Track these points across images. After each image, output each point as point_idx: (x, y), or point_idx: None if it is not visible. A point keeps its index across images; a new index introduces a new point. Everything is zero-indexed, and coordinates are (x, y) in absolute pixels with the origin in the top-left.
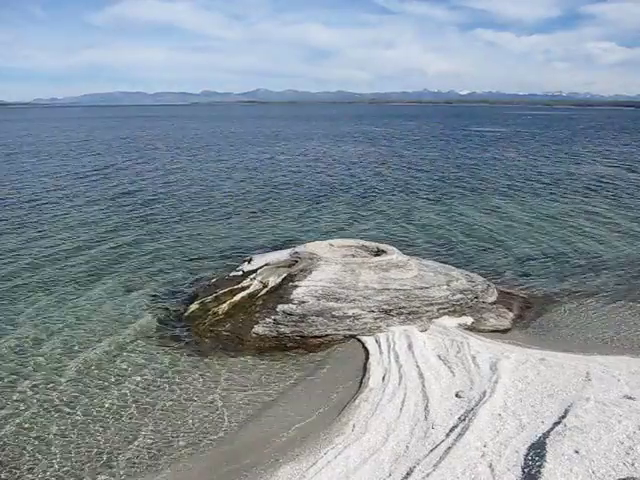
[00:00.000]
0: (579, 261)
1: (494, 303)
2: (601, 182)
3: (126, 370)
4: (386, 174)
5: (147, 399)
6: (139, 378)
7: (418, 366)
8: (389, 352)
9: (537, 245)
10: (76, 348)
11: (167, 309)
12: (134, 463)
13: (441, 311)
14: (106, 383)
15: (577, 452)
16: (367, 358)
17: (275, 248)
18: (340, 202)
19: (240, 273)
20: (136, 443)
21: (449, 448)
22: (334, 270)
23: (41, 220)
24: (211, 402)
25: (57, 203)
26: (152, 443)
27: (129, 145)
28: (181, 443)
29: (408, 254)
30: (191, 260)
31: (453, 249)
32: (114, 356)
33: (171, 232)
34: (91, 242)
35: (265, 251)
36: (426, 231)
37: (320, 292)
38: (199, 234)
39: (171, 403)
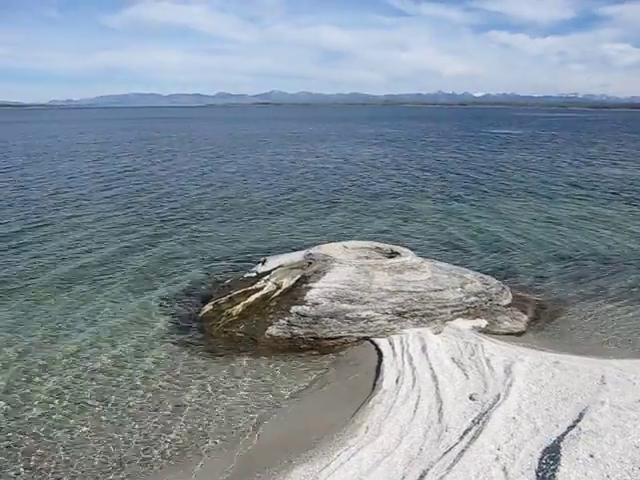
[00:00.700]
0: (595, 264)
1: (508, 306)
2: (620, 185)
3: (138, 371)
4: (401, 176)
5: (158, 400)
6: (151, 379)
7: (432, 368)
8: (403, 354)
9: (553, 248)
10: (88, 349)
11: (181, 310)
12: (146, 464)
13: (455, 313)
14: (117, 384)
15: (592, 456)
16: (381, 360)
17: (289, 249)
18: (355, 204)
19: (254, 274)
20: (145, 445)
21: (463, 451)
22: (348, 272)
23: (61, 219)
24: (223, 403)
25: (76, 203)
26: (164, 444)
27: (146, 146)
28: (193, 444)
29: (422, 256)
30: (205, 261)
31: (468, 251)
32: (126, 357)
33: (185, 233)
34: (106, 242)
35: (279, 252)
36: (441, 233)
37: (334, 294)
38: (213, 235)
39: (183, 404)
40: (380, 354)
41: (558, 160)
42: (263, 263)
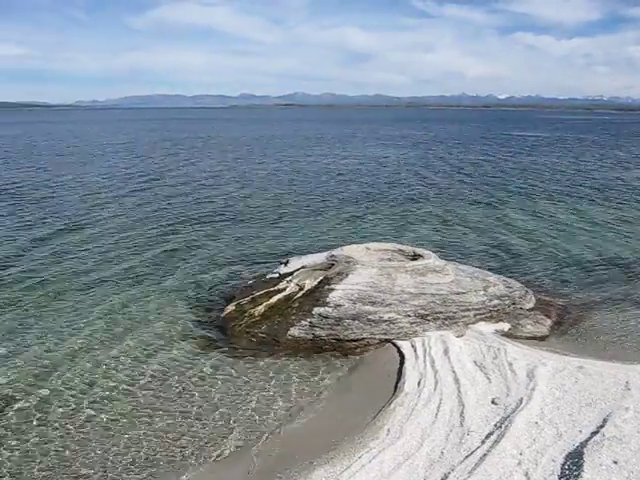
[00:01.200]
0: (620, 269)
1: (532, 309)
2: None
3: (160, 371)
4: (425, 178)
5: (181, 401)
6: (173, 379)
7: (454, 371)
8: (425, 357)
9: (577, 251)
10: (110, 346)
11: (204, 310)
12: (169, 462)
13: (478, 317)
14: (141, 381)
15: (616, 462)
16: (402, 363)
17: (312, 251)
18: (379, 205)
19: (277, 275)
20: (169, 443)
21: (485, 455)
22: (370, 274)
23: (90, 220)
24: (245, 404)
25: (104, 205)
26: (186, 443)
27: (172, 148)
28: (214, 444)
29: (445, 258)
30: (228, 262)
31: (491, 254)
32: (149, 355)
33: (208, 234)
34: (129, 243)
35: (302, 254)
36: (464, 236)
37: (356, 296)
38: (235, 236)
39: (205, 405)
40: (402, 356)
41: (586, 163)
42: (286, 264)
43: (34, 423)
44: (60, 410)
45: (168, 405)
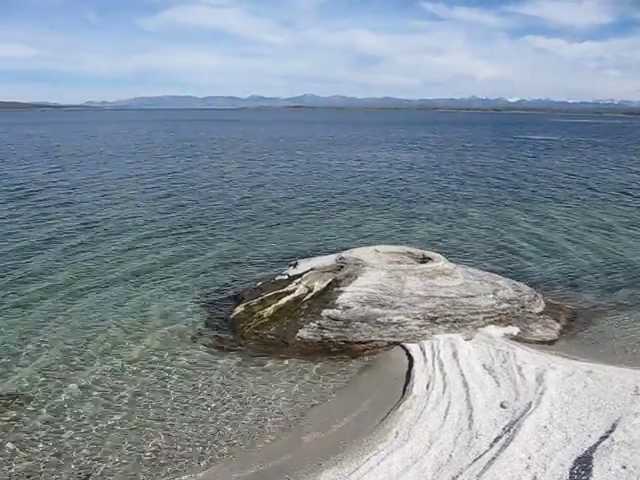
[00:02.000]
0: (630, 273)
1: (541, 313)
2: None
3: (171, 370)
4: (437, 180)
5: (187, 400)
6: (182, 378)
7: (463, 375)
8: (433, 360)
9: (587, 255)
10: (121, 346)
11: (213, 311)
12: (177, 461)
13: (487, 320)
14: (150, 382)
15: (624, 467)
16: (411, 365)
17: (322, 253)
18: (388, 208)
19: (285, 277)
20: (175, 444)
21: (493, 459)
22: (379, 276)
23: (99, 220)
24: (253, 405)
25: (115, 205)
26: (192, 444)
27: (184, 149)
28: (223, 445)
29: (454, 261)
30: (237, 263)
31: (500, 258)
32: (160, 357)
33: (218, 235)
34: (140, 243)
35: (311, 255)
36: (474, 239)
37: (365, 298)
38: (245, 238)
39: (214, 405)
40: (411, 359)
41: (597, 167)
42: (295, 266)
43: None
44: (63, 410)
45: (176, 406)
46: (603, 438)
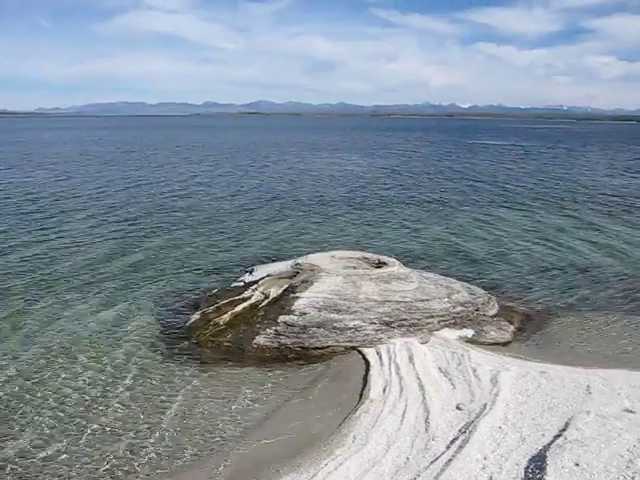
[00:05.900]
0: (581, 275)
1: (495, 316)
2: (611, 195)
3: (123, 379)
4: (390, 186)
5: (142, 409)
6: (135, 387)
7: (419, 378)
8: (390, 364)
9: (539, 258)
10: (71, 354)
11: (169, 319)
12: (132, 472)
13: (442, 323)
14: (101, 391)
15: (577, 465)
16: (368, 370)
17: (278, 259)
18: (343, 213)
19: (242, 284)
20: (127, 456)
21: (450, 460)
22: (335, 282)
23: (53, 229)
24: (209, 413)
25: (71, 213)
26: (147, 455)
27: (135, 155)
28: (179, 454)
29: (409, 266)
30: (192, 270)
31: (454, 262)
32: (111, 364)
33: (172, 242)
34: (92, 251)
35: (268, 262)
36: (427, 243)
37: (321, 303)
38: (200, 245)
39: (167, 414)
40: (367, 364)
41: (545, 171)
42: (251, 272)
43: None
44: (16, 428)
45: (130, 415)
46: (557, 437)
